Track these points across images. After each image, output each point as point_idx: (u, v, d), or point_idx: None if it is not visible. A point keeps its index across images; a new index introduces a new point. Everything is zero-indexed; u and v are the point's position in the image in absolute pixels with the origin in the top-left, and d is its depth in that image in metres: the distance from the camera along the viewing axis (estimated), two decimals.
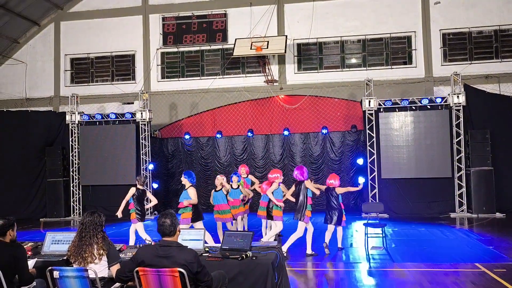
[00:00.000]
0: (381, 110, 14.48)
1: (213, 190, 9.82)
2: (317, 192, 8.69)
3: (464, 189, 13.97)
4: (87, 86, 18.27)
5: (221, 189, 9.52)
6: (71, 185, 15.93)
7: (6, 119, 16.33)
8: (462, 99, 13.98)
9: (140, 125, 15.64)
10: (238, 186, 9.97)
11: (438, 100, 14.18)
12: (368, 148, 14.53)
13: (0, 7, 16.44)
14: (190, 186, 8.08)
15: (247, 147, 16.99)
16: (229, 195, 9.72)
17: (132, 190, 9.17)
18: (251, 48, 15.39)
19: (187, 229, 6.57)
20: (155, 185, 15.93)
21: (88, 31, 18.28)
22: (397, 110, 14.40)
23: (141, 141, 15.62)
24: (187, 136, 16.96)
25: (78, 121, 15.90)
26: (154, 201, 9.79)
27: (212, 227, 9.68)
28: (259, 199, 9.93)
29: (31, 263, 4.97)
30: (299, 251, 8.81)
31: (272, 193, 8.58)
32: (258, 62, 16.69)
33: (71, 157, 15.96)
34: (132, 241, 8.97)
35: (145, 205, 9.52)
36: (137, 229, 9.15)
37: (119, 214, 9.06)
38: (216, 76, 17.40)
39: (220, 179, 9.63)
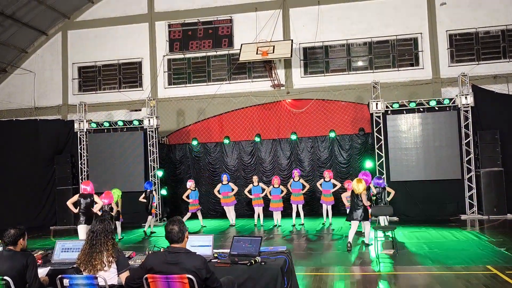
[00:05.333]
0: (389, 112, 14.43)
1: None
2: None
3: (474, 191, 13.85)
4: (94, 94, 18.40)
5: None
6: None
7: (15, 128, 16.49)
8: (470, 100, 13.90)
9: (148, 132, 15.71)
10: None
11: (446, 101, 14.11)
12: (377, 150, 14.47)
13: (8, 17, 16.65)
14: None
15: (255, 152, 16.98)
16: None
17: None
18: (257, 53, 15.42)
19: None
20: (163, 192, 15.96)
21: (95, 39, 18.44)
22: (405, 112, 14.34)
23: (149, 147, 15.69)
24: (194, 142, 16.96)
25: (87, 129, 16.02)
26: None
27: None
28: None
29: (43, 271, 4.99)
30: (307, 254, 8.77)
31: None
32: (265, 67, 16.69)
33: (80, 165, 16.06)
34: None
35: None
36: None
37: None
38: (222, 81, 17.44)
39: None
